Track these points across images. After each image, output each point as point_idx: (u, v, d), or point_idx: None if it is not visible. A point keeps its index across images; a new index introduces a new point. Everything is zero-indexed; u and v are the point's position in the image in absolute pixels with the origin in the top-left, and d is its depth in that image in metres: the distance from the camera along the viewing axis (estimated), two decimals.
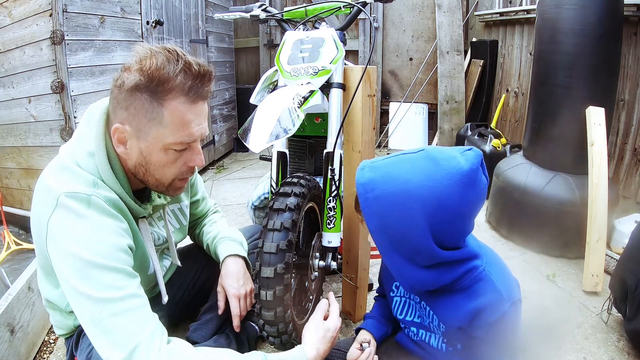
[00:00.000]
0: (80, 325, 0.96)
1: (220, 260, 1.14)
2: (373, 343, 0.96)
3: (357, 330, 1.02)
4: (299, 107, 1.09)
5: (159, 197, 0.98)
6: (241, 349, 1.08)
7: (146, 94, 0.77)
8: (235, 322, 1.05)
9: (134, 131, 0.81)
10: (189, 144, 0.84)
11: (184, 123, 0.81)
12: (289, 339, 1.01)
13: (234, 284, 1.06)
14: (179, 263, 1.15)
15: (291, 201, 1.01)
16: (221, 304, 1.09)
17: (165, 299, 1.03)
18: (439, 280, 0.77)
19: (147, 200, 0.96)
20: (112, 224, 0.79)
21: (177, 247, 1.25)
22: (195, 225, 1.30)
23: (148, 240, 0.95)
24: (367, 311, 1.61)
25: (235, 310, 1.04)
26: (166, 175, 0.87)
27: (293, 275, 1.10)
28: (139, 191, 0.94)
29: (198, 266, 1.25)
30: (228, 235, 1.20)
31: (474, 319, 0.76)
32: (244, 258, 1.16)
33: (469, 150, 0.74)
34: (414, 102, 4.08)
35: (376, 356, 0.95)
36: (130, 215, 0.87)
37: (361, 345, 0.95)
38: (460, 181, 0.70)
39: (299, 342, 1.08)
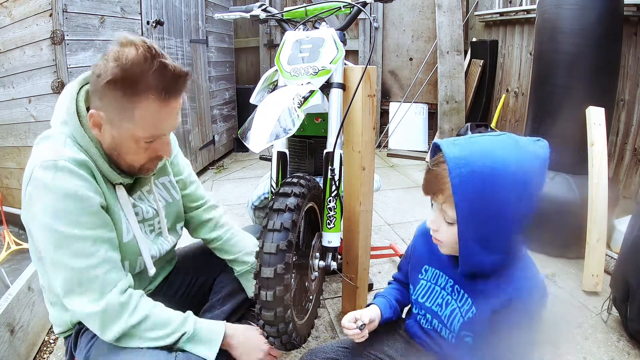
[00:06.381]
0: (78, 324, 0.97)
1: None
2: (373, 324, 0.96)
3: (367, 305, 1.02)
4: (299, 107, 1.09)
5: None
6: None
7: (120, 90, 0.80)
8: None
9: (108, 119, 0.84)
10: (158, 137, 0.88)
11: (154, 122, 0.84)
12: (289, 339, 1.01)
13: None
14: (169, 239, 1.11)
15: (291, 201, 1.01)
16: None
17: (152, 271, 1.01)
18: (495, 264, 0.79)
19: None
20: (78, 186, 0.82)
21: (177, 248, 1.24)
22: (199, 223, 1.21)
23: (126, 207, 0.94)
24: None
25: None
26: (136, 160, 0.91)
27: (293, 275, 1.09)
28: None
29: (197, 266, 1.25)
30: None
31: (511, 302, 0.77)
32: None
33: (539, 140, 0.78)
34: (414, 102, 4.08)
35: (366, 331, 0.94)
36: (101, 178, 0.88)
37: (356, 321, 0.94)
38: (540, 165, 0.74)
39: (299, 342, 1.08)
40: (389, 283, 1.12)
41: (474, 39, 3.84)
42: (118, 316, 0.84)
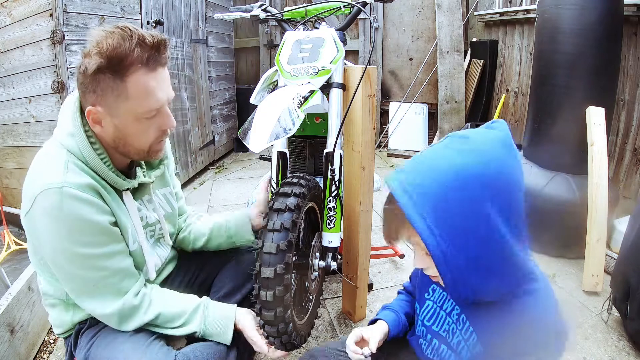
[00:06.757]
0: (78, 324, 0.98)
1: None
2: (379, 343, 0.90)
3: (374, 321, 0.95)
4: (299, 107, 1.09)
5: (144, 176, 1.02)
6: (240, 349, 1.07)
7: (108, 73, 0.83)
8: None
9: (106, 110, 0.86)
10: (157, 110, 0.90)
11: (148, 91, 0.86)
12: (289, 339, 1.01)
13: None
14: (170, 242, 1.15)
15: (291, 201, 1.01)
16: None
17: (152, 275, 1.03)
18: (502, 286, 0.68)
19: (133, 177, 1.00)
20: (86, 212, 0.84)
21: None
22: (179, 230, 1.25)
23: (133, 213, 0.97)
24: (366, 311, 1.62)
25: None
26: (144, 143, 0.92)
27: (293, 275, 1.10)
28: (125, 169, 0.99)
29: (197, 264, 1.25)
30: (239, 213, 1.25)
31: (519, 337, 0.68)
32: None
33: (494, 122, 0.69)
34: (414, 102, 4.08)
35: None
36: (107, 193, 0.90)
37: (362, 340, 0.89)
38: (500, 145, 0.65)
39: (299, 342, 1.08)
40: (399, 293, 1.05)
41: (474, 39, 3.84)
42: (133, 316, 0.92)
